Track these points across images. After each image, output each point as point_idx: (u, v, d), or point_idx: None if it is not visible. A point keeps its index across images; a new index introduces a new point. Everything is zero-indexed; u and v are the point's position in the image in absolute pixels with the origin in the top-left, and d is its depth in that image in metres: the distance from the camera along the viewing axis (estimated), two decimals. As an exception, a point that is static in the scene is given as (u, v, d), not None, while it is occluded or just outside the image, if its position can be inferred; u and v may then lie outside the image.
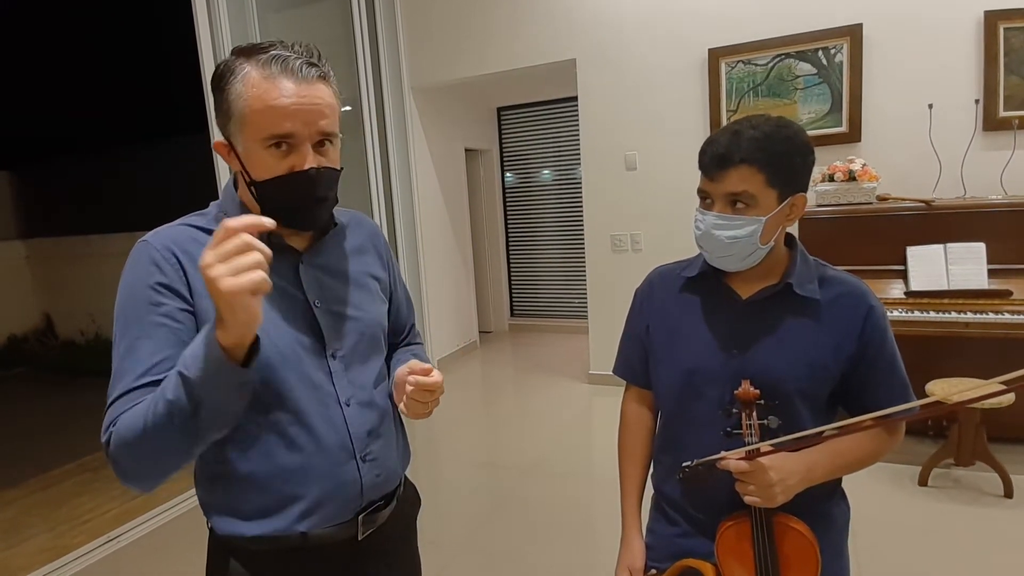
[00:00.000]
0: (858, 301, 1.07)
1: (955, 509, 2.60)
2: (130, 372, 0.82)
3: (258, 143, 0.85)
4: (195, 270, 0.85)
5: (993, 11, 3.18)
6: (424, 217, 5.03)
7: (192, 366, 0.74)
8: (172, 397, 0.75)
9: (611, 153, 4.26)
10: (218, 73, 0.87)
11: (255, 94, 0.84)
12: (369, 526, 1.01)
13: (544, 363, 5.33)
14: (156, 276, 0.85)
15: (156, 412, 0.76)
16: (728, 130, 1.04)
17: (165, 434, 0.76)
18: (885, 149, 3.49)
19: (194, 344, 0.76)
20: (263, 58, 0.84)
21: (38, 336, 7.74)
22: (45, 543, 2.90)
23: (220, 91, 0.87)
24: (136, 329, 0.84)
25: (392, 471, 1.05)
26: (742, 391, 1.02)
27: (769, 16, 3.68)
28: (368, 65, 4.43)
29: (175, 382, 0.75)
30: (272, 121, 0.84)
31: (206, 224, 0.93)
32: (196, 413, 0.75)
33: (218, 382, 0.75)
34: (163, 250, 0.87)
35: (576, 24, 4.20)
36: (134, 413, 0.78)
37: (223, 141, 0.90)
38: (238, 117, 0.85)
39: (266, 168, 0.87)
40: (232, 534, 0.94)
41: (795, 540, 1.03)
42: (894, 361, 1.08)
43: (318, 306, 0.95)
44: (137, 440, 0.77)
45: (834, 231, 3.20)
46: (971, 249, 2.92)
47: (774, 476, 0.97)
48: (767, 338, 1.08)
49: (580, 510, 2.89)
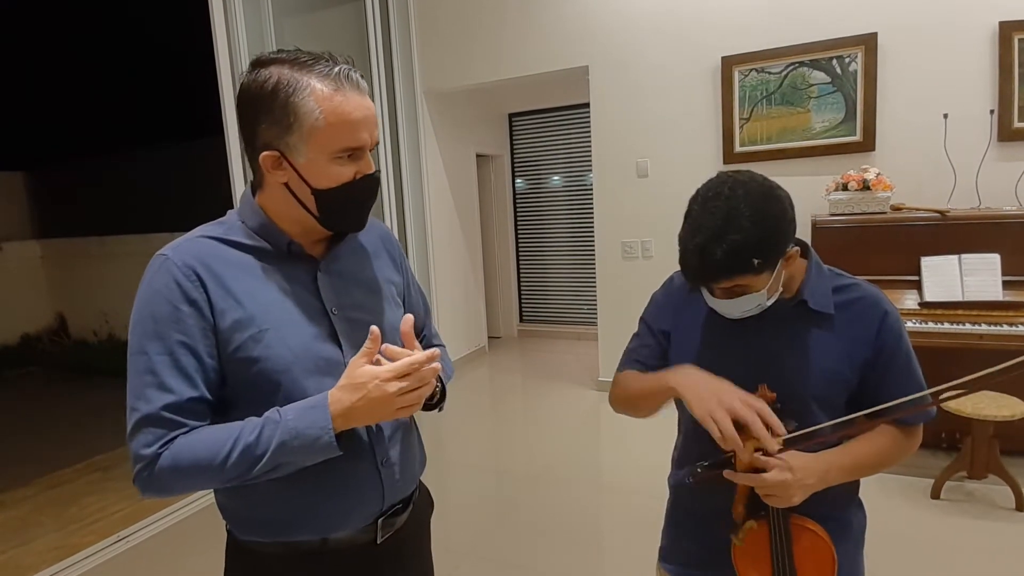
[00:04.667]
0: (872, 307, 1.07)
1: (967, 523, 2.57)
2: (155, 397, 0.83)
3: (328, 155, 0.87)
4: (216, 286, 0.88)
5: (1008, 22, 3.16)
6: (435, 222, 5.04)
7: (297, 440, 0.82)
8: (260, 452, 0.82)
9: (622, 160, 4.26)
10: (271, 88, 0.85)
11: (330, 108, 0.84)
12: (388, 530, 1.02)
13: (553, 369, 5.32)
14: (176, 293, 0.85)
15: (232, 457, 0.81)
16: (696, 248, 0.95)
17: (230, 475, 0.82)
18: (899, 158, 3.47)
19: (302, 417, 0.83)
20: (327, 72, 0.85)
21: (51, 335, 7.81)
22: (55, 542, 2.92)
23: (277, 106, 0.85)
24: (157, 345, 0.85)
25: (411, 475, 1.06)
26: (759, 395, 1.02)
27: (783, 24, 3.67)
28: (381, 70, 4.47)
29: (270, 445, 0.82)
30: (350, 134, 0.87)
31: (224, 234, 0.93)
32: (275, 469, 0.83)
33: (313, 456, 0.84)
34: (184, 268, 0.87)
35: (589, 31, 4.21)
36: (196, 444, 0.83)
37: (273, 154, 0.88)
38: (306, 131, 0.85)
39: (333, 177, 0.88)
40: (251, 539, 0.95)
41: (811, 541, 1.04)
42: (909, 364, 1.09)
43: (335, 313, 0.96)
44: (196, 471, 0.82)
45: (847, 240, 3.18)
46: (986, 260, 2.90)
47: (792, 475, 0.97)
48: (782, 350, 1.08)
49: (588, 517, 2.88)
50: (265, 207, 0.94)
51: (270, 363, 0.88)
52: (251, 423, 0.84)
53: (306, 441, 0.82)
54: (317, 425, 0.82)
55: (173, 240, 0.92)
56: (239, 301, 0.88)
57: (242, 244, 0.93)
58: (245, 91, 0.87)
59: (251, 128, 0.88)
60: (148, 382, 0.84)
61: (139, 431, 0.83)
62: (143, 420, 0.83)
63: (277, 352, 0.89)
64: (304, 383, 0.91)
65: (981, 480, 2.78)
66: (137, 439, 0.83)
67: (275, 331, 0.90)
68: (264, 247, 0.93)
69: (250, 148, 0.90)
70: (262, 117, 0.86)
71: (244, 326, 0.88)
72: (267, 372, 0.88)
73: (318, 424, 0.82)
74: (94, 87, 7.26)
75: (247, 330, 0.88)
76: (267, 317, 0.90)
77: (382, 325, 1.00)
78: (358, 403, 0.82)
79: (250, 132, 0.89)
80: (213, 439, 0.83)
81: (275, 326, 0.90)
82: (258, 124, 0.87)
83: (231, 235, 0.93)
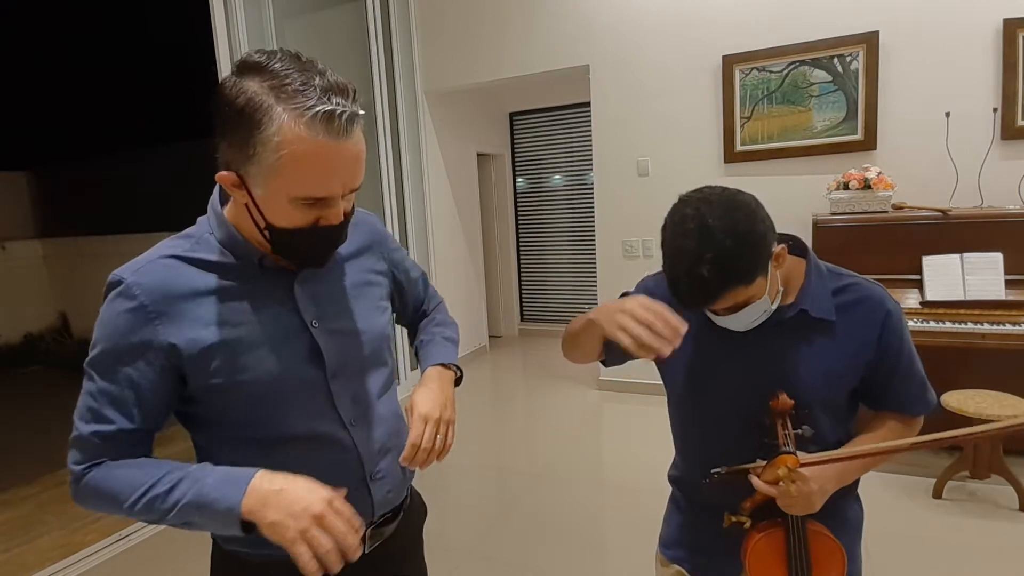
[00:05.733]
0: (875, 307, 1.06)
1: (970, 522, 2.57)
2: (90, 420, 0.83)
3: (286, 197, 0.78)
4: (178, 316, 0.83)
5: (1012, 19, 3.15)
6: (436, 221, 5.05)
7: (205, 509, 0.78)
8: (167, 506, 0.79)
9: (623, 159, 4.26)
10: (239, 109, 0.75)
11: (295, 152, 0.74)
12: (376, 539, 1.00)
13: (554, 368, 5.32)
14: (127, 328, 0.82)
15: (138, 504, 0.80)
16: (683, 275, 0.94)
17: (139, 517, 0.81)
18: (901, 157, 3.47)
19: (219, 487, 0.79)
20: (308, 107, 0.73)
21: (54, 334, 7.82)
22: (58, 540, 2.92)
23: (241, 129, 0.75)
24: (102, 373, 0.84)
25: (401, 484, 1.04)
26: (778, 402, 1.02)
27: (784, 23, 3.67)
28: (382, 69, 4.47)
29: (179, 501, 0.79)
30: (313, 184, 0.77)
31: (191, 251, 0.87)
32: (186, 524, 0.81)
33: (221, 530, 0.81)
34: (139, 300, 0.82)
35: (590, 30, 4.21)
36: (115, 477, 0.82)
37: (231, 176, 0.79)
38: (267, 167, 0.76)
39: (288, 219, 0.80)
40: (234, 549, 0.94)
41: (825, 546, 1.05)
42: (912, 362, 1.09)
43: (315, 326, 0.91)
44: (109, 502, 0.82)
45: (848, 240, 3.18)
46: (988, 259, 2.89)
47: (815, 485, 0.99)
48: (783, 357, 1.08)
49: (589, 516, 2.88)
50: (233, 220, 0.88)
51: (247, 388, 0.85)
52: (173, 473, 0.81)
53: (213, 515, 0.78)
54: (227, 502, 0.77)
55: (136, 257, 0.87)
56: (207, 327, 0.84)
57: (209, 263, 0.86)
58: (216, 98, 0.77)
59: (216, 137, 0.80)
60: (88, 404, 0.83)
61: (73, 446, 0.84)
62: (76, 439, 0.84)
63: (254, 376, 0.85)
64: (287, 408, 0.88)
65: (984, 480, 2.77)
66: (71, 452, 0.84)
67: (250, 354, 0.85)
68: (234, 263, 0.88)
69: (216, 153, 0.81)
70: (226, 134, 0.78)
71: (215, 353, 0.84)
72: (245, 397, 0.86)
73: (227, 502, 0.77)
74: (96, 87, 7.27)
75: (218, 356, 0.84)
76: (240, 340, 0.85)
77: (367, 334, 0.98)
78: (271, 515, 0.76)
79: (215, 141, 0.80)
80: (130, 478, 0.81)
81: (249, 349, 0.85)
82: (222, 139, 0.79)
83: (198, 252, 0.87)
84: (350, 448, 0.94)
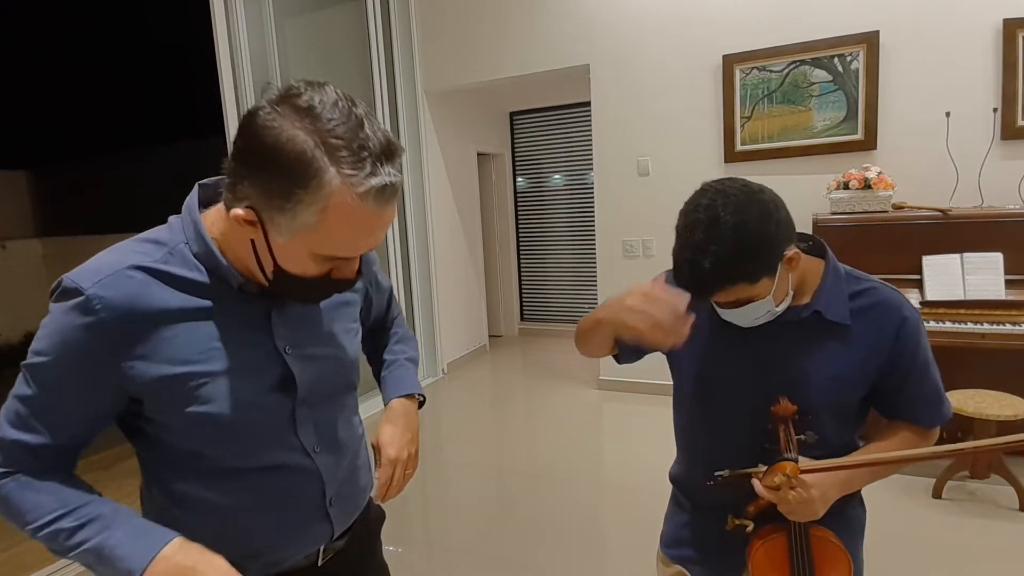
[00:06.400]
0: (891, 313, 1.04)
1: (969, 522, 2.57)
2: (15, 426, 0.77)
3: (309, 251, 0.74)
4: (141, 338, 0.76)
5: (1012, 19, 3.15)
6: (436, 221, 5.04)
7: (106, 560, 0.74)
8: (71, 544, 0.76)
9: (624, 159, 4.25)
10: (285, 157, 0.67)
11: (338, 217, 0.69)
12: (330, 553, 0.98)
13: (554, 368, 5.32)
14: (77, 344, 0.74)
15: (41, 532, 0.76)
16: (686, 264, 0.94)
17: (42, 542, 0.78)
18: (901, 157, 3.46)
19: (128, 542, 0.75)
20: (359, 182, 0.68)
21: (54, 334, 7.83)
22: (57, 539, 2.92)
23: (280, 178, 0.68)
24: (39, 382, 0.77)
25: (360, 503, 1.03)
26: (780, 407, 1.02)
27: (784, 23, 3.66)
28: (382, 68, 4.47)
29: (84, 543, 0.75)
30: (344, 246, 0.74)
31: (161, 263, 0.78)
32: (87, 565, 0.77)
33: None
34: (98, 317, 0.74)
35: (590, 29, 4.20)
36: (25, 495, 0.77)
37: (249, 214, 0.72)
38: (300, 223, 0.70)
39: (302, 268, 0.75)
40: None
41: (830, 552, 1.04)
42: (927, 369, 1.07)
43: (289, 353, 0.86)
44: (17, 518, 0.78)
45: (848, 240, 3.17)
46: (988, 259, 2.89)
47: (816, 492, 0.98)
48: (794, 360, 1.06)
49: (589, 516, 2.87)
50: (219, 240, 0.80)
51: (206, 419, 0.80)
52: (86, 508, 0.77)
53: (111, 571, 0.75)
54: (129, 563, 0.73)
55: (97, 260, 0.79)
56: (170, 355, 0.77)
57: (182, 280, 0.79)
58: (251, 130, 0.69)
59: (240, 166, 0.71)
60: (17, 409, 0.77)
61: None
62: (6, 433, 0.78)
63: (217, 408, 0.80)
64: (249, 438, 0.84)
65: (983, 480, 2.77)
66: None
67: (214, 385, 0.79)
68: (208, 283, 0.80)
69: (230, 178, 0.73)
70: (258, 174, 0.70)
71: (177, 383, 0.78)
72: (203, 426, 0.80)
73: (129, 563, 0.73)
74: (96, 87, 7.27)
75: (179, 387, 0.78)
76: (206, 372, 0.79)
77: (340, 359, 0.95)
78: None
79: (238, 167, 0.72)
80: (39, 503, 0.76)
81: (214, 379, 0.79)
82: (249, 175, 0.71)
83: (170, 265, 0.78)
84: (313, 475, 0.91)
